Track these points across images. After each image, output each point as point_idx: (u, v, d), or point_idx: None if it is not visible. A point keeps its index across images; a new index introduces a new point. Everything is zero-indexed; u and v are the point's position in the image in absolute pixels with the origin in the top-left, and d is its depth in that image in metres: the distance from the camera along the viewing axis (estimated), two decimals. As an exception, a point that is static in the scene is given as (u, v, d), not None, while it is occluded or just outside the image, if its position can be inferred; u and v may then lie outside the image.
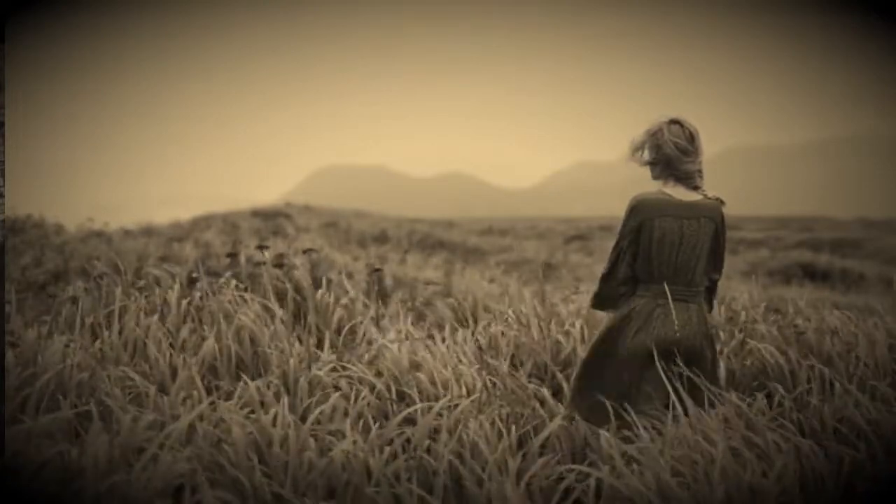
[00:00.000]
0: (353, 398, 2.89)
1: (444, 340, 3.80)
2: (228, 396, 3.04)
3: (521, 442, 2.75)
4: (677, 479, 2.23)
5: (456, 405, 2.77)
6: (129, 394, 2.88)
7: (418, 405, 2.72)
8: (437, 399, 2.91)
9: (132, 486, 2.07)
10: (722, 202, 2.97)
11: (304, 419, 2.75)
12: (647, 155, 2.97)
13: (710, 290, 3.07)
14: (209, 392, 3.15)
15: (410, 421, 2.75)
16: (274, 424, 2.47)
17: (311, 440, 2.41)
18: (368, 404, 2.84)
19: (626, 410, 2.79)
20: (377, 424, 2.64)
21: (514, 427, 2.70)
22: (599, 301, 3.06)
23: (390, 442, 2.54)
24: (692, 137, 2.92)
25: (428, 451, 2.47)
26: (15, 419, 2.46)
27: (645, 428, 2.60)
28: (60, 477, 2.11)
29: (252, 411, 2.70)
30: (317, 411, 2.65)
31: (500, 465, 2.41)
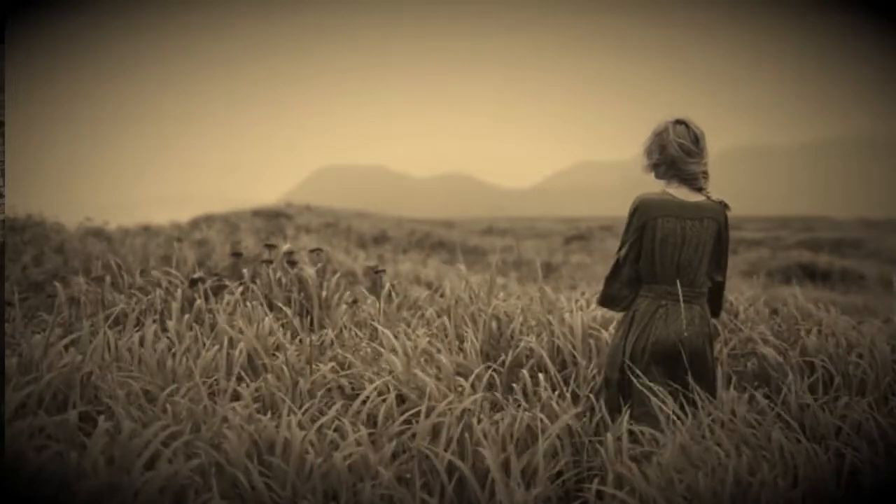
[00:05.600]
0: (356, 400, 2.88)
1: (445, 338, 3.80)
2: (231, 399, 3.03)
3: (525, 443, 2.75)
4: (684, 484, 2.23)
5: (457, 404, 2.77)
6: (130, 397, 2.87)
7: (423, 406, 2.71)
8: (439, 398, 2.90)
9: (132, 488, 2.07)
10: (727, 206, 2.96)
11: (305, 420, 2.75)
12: (651, 156, 2.98)
13: (716, 293, 3.06)
14: (210, 395, 3.14)
15: (412, 422, 2.75)
16: (276, 427, 2.46)
17: (312, 443, 2.40)
18: (372, 403, 2.83)
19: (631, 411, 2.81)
20: (380, 423, 2.63)
21: (516, 428, 2.70)
22: (605, 301, 3.08)
23: (392, 439, 2.53)
24: (697, 138, 2.92)
25: (430, 450, 2.47)
26: (15, 419, 2.46)
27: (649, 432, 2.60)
28: (61, 478, 2.11)
29: (257, 410, 2.70)
30: (312, 416, 2.64)
31: (503, 467, 2.40)
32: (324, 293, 4.40)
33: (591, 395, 3.17)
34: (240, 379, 3.28)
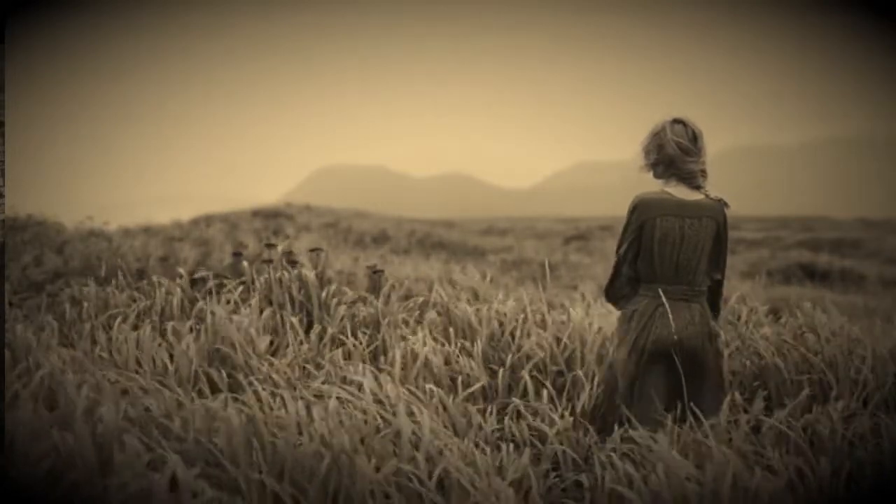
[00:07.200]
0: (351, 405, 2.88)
1: (444, 342, 3.80)
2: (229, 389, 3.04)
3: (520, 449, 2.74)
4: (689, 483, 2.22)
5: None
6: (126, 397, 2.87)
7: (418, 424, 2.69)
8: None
9: (120, 481, 2.07)
10: (726, 204, 2.96)
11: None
12: (649, 155, 2.98)
13: (715, 292, 3.06)
14: (204, 393, 3.14)
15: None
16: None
17: (306, 438, 2.40)
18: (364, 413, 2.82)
19: (630, 414, 2.81)
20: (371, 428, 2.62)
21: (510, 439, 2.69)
22: (609, 299, 3.10)
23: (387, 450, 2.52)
24: (695, 137, 2.92)
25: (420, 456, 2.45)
26: (13, 419, 2.46)
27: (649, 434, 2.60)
28: (57, 475, 2.12)
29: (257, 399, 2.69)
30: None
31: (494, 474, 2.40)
32: (323, 293, 4.40)
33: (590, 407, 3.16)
34: (231, 381, 3.27)
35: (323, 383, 3.10)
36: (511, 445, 2.67)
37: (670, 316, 2.84)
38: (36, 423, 2.28)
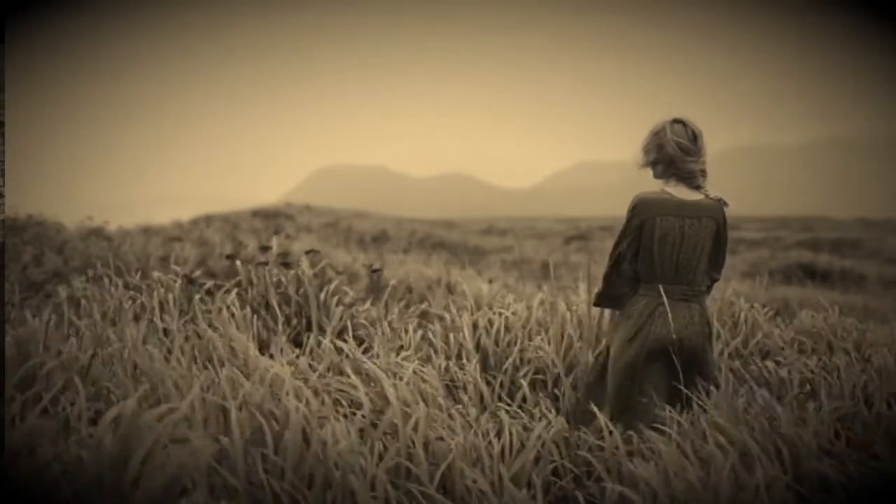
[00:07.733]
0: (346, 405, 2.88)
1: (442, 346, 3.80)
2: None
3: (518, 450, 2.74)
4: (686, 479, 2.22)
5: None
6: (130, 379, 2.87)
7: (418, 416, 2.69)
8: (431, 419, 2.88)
9: (133, 482, 2.07)
10: (725, 203, 2.97)
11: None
12: (649, 154, 2.98)
13: (708, 288, 3.07)
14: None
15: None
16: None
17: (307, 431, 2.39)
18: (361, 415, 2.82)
19: (630, 412, 2.81)
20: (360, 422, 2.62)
21: (509, 435, 2.69)
22: (601, 300, 3.07)
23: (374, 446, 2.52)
24: (695, 137, 2.92)
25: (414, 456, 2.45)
26: (14, 419, 2.46)
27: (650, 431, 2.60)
28: (61, 477, 2.11)
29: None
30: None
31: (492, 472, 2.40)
32: (322, 295, 4.39)
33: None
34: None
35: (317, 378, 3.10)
36: (508, 441, 2.66)
37: (670, 316, 2.84)
38: (39, 425, 2.28)
